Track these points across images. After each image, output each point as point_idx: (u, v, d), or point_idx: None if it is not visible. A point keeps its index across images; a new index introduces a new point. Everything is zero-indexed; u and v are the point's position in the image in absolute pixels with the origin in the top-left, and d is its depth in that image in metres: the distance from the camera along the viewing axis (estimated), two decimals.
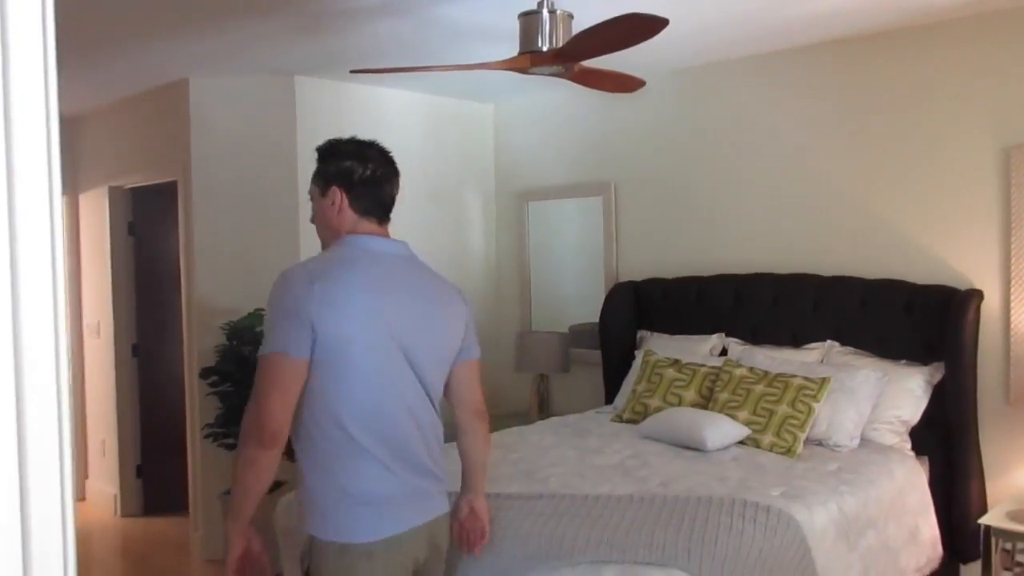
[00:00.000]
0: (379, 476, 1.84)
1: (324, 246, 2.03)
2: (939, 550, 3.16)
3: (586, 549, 2.19)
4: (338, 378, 1.81)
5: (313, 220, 2.05)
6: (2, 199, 0.63)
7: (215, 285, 4.29)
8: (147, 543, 4.63)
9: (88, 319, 5.43)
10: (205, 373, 4.03)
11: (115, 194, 5.20)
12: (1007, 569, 3.14)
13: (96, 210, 5.31)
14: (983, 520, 3.03)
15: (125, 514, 5.15)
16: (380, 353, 1.85)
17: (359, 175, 1.97)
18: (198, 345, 4.27)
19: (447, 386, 2.04)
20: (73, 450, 0.66)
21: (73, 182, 5.52)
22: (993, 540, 3.00)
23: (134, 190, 5.17)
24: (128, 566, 4.27)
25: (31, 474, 0.64)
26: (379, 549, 1.82)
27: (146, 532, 4.84)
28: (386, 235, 2.02)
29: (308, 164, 4.30)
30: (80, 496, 5.51)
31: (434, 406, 1.99)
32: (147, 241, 5.26)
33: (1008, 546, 3.11)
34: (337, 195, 1.96)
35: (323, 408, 1.83)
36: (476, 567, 2.25)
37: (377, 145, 2.06)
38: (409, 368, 1.90)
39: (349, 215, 1.97)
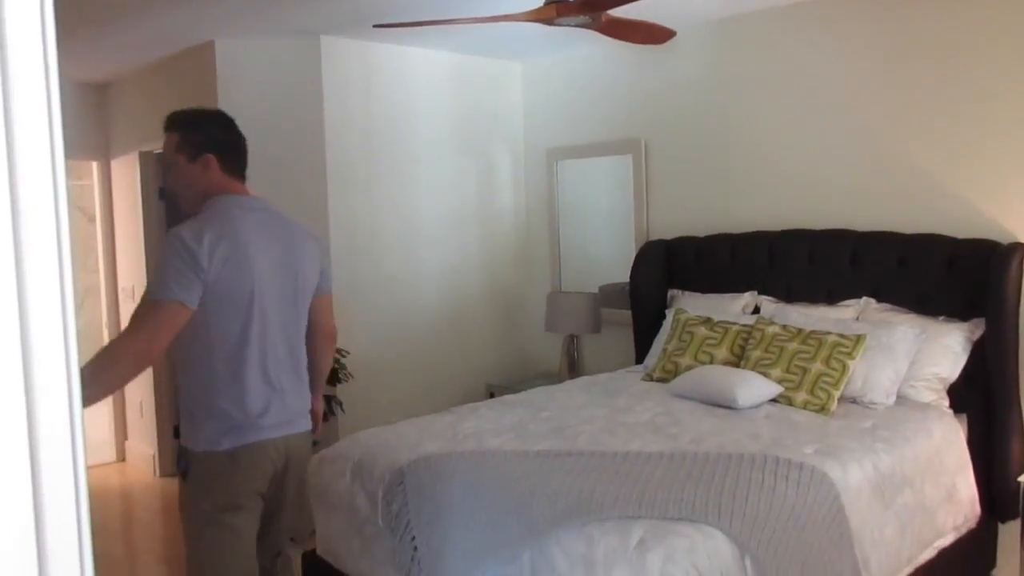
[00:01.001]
0: (244, 397, 2.21)
1: (188, 207, 2.32)
2: (977, 509, 3.10)
3: (615, 505, 2.18)
4: (217, 313, 2.17)
5: (171, 186, 2.35)
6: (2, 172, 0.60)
7: None
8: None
9: (123, 282, 5.50)
10: None
11: (146, 159, 5.22)
12: None
13: (128, 175, 5.35)
14: (1022, 478, 2.96)
15: (164, 474, 5.25)
16: (252, 292, 2.21)
17: (227, 141, 2.31)
18: None
19: (311, 315, 2.43)
20: (84, 435, 0.65)
21: (105, 148, 5.56)
22: None
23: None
24: (168, 525, 4.35)
25: (42, 460, 0.62)
26: (240, 455, 2.22)
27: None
28: (248, 192, 2.37)
29: (336, 125, 4.34)
30: (120, 457, 5.64)
31: (298, 335, 2.36)
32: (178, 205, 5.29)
33: None
34: (211, 160, 2.26)
35: (202, 339, 2.20)
36: (507, 523, 2.25)
37: (227, 115, 2.41)
38: (276, 303, 2.27)
39: (220, 177, 2.29)
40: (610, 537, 2.06)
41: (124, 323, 5.52)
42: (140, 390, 5.39)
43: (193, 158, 2.27)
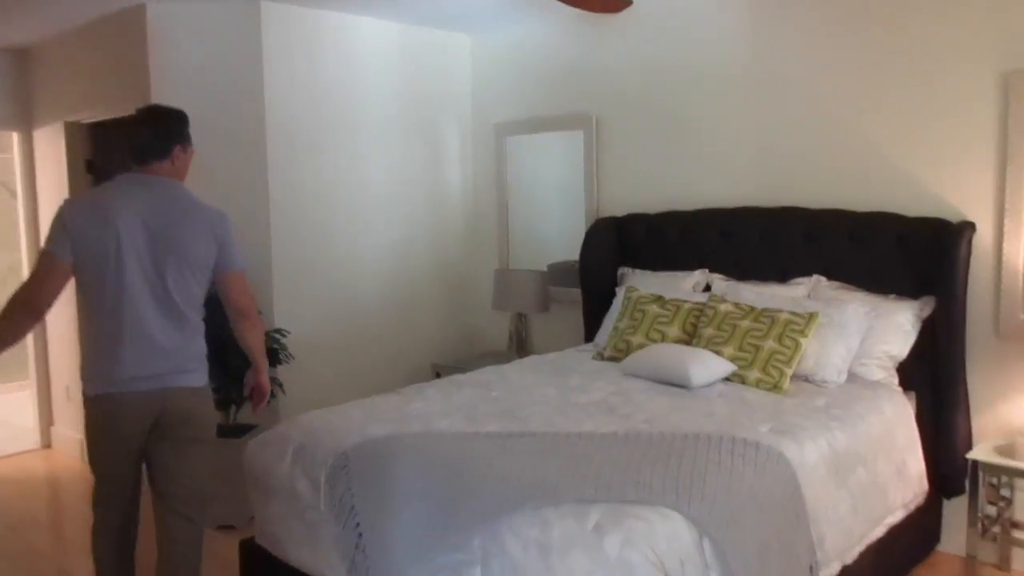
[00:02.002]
0: (110, 350, 2.50)
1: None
2: (925, 485, 3.12)
3: (571, 488, 2.09)
4: (85, 272, 2.48)
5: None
6: None
7: None
8: None
9: None
10: None
11: (72, 129, 4.94)
12: (992, 503, 3.10)
13: (53, 147, 5.05)
14: (971, 455, 2.98)
15: None
16: (118, 255, 2.47)
17: (135, 135, 2.65)
18: None
19: (220, 292, 2.68)
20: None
21: (27, 117, 5.24)
22: (980, 475, 2.95)
23: (92, 125, 4.91)
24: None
25: None
26: (102, 402, 2.52)
27: None
28: (151, 172, 2.62)
29: (277, 96, 4.14)
30: (46, 444, 5.37)
31: (176, 303, 2.55)
32: (107, 179, 5.02)
33: (994, 480, 3.07)
34: (127, 154, 2.64)
35: (82, 297, 2.55)
36: (457, 507, 2.15)
37: (143, 110, 2.74)
38: (147, 270, 2.51)
39: (130, 163, 2.63)
40: (566, 521, 1.98)
41: None
42: (65, 373, 5.13)
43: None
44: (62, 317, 5.12)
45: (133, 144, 2.66)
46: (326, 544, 2.50)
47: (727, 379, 3.19)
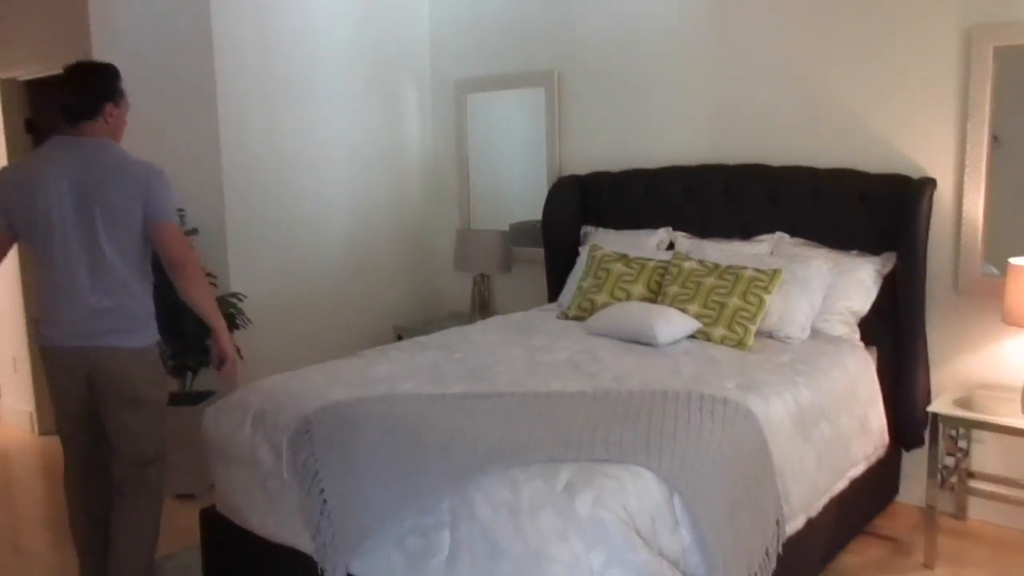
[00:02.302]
0: (47, 306, 2.61)
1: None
2: (886, 438, 3.16)
3: (540, 448, 2.06)
4: (23, 234, 2.57)
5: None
6: None
7: None
8: None
9: None
10: None
11: (8, 88, 4.72)
12: (950, 454, 3.16)
13: None
14: (931, 408, 3.02)
15: (43, 432, 4.87)
16: (48, 217, 2.50)
17: (66, 95, 2.59)
18: None
19: (155, 248, 2.62)
20: None
21: None
22: (940, 427, 2.99)
23: (31, 83, 4.69)
24: (49, 485, 4.03)
25: None
26: (44, 353, 2.65)
27: None
28: (81, 133, 2.59)
29: (227, 50, 3.97)
30: None
31: (106, 260, 2.54)
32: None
33: (953, 432, 3.12)
34: (60, 116, 2.59)
35: (32, 260, 2.66)
36: (424, 470, 2.10)
37: (70, 67, 2.65)
38: (76, 228, 2.51)
39: (62, 126, 2.60)
40: (535, 481, 1.95)
41: None
42: (12, 345, 4.95)
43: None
44: (3, 288, 4.93)
45: (63, 105, 2.60)
46: (289, 511, 2.45)
47: (692, 336, 3.18)
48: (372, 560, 2.23)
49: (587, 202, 4.21)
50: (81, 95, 2.58)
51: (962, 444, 3.21)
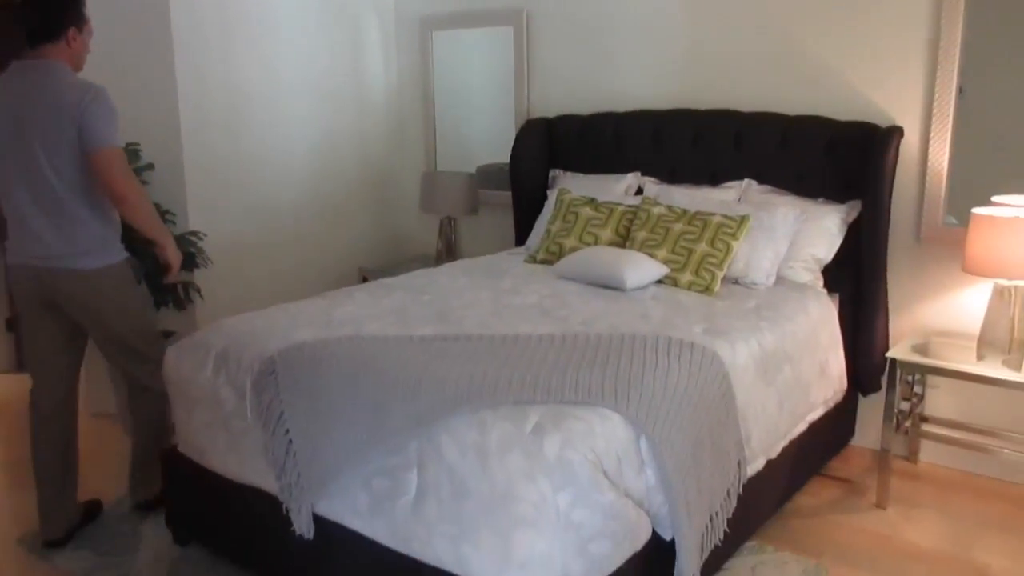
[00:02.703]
0: (11, 232, 2.66)
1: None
2: (844, 383, 3.22)
3: (508, 390, 2.06)
4: None
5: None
6: None
7: None
8: (24, 400, 4.28)
9: None
10: None
11: None
12: (905, 399, 3.24)
13: None
14: (890, 354, 3.08)
15: (0, 371, 4.77)
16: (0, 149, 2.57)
17: (24, 18, 2.55)
18: None
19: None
20: None
21: None
22: (898, 372, 3.06)
23: None
24: (5, 424, 3.95)
25: None
26: (16, 273, 2.71)
27: (22, 388, 4.46)
28: (32, 57, 2.57)
29: None
30: None
31: (55, 189, 2.55)
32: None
33: (909, 378, 3.19)
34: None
35: None
36: (391, 412, 2.09)
37: None
38: (14, 154, 2.54)
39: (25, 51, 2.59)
40: (504, 423, 1.95)
41: None
42: None
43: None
44: None
45: (24, 27, 2.55)
46: (253, 452, 2.43)
47: (660, 282, 3.19)
48: (338, 501, 2.23)
49: (555, 145, 4.16)
50: (43, 16, 2.53)
51: (917, 390, 3.29)
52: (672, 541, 2.14)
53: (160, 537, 2.86)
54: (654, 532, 2.13)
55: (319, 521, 2.28)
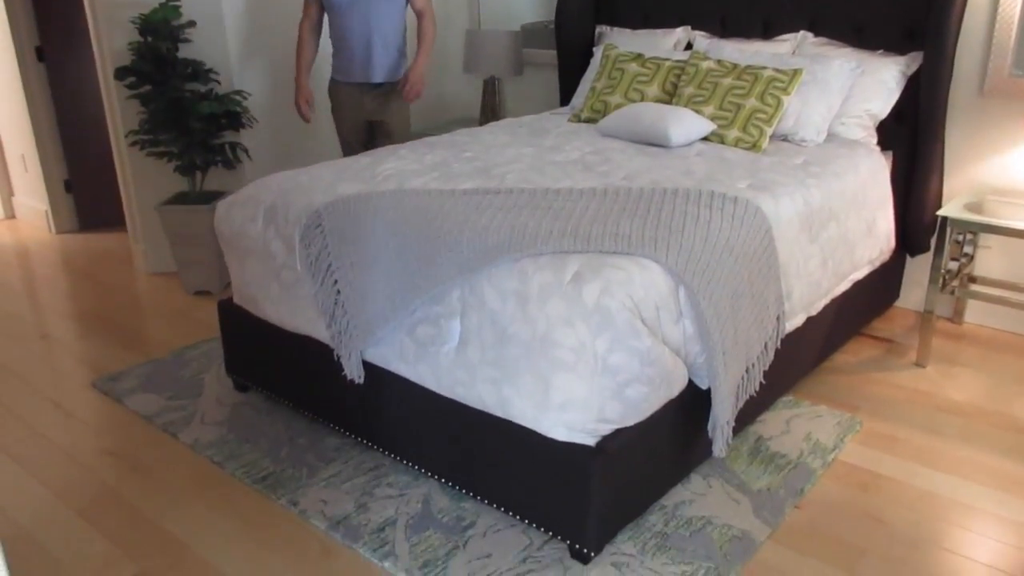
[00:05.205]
0: None
1: None
2: (892, 243, 3.18)
3: (549, 240, 2.08)
4: None
5: None
6: None
7: None
8: (88, 258, 4.48)
9: None
10: (120, 73, 3.63)
11: (16, 12, 4.44)
12: (954, 259, 3.20)
13: None
14: (942, 212, 3.01)
15: (60, 231, 4.95)
16: None
17: None
18: (108, 43, 3.81)
19: None
20: None
21: None
22: (948, 230, 3.00)
23: (38, 10, 4.39)
24: (73, 281, 4.14)
25: None
26: None
27: (86, 247, 4.68)
28: None
29: None
30: (9, 214, 5.26)
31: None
32: None
33: (959, 237, 3.13)
34: None
35: None
36: (434, 261, 2.14)
37: None
38: None
39: None
40: (544, 272, 1.98)
41: None
42: (20, 142, 4.92)
43: None
44: (6, 85, 4.83)
45: None
46: (304, 302, 2.52)
47: (706, 138, 3.13)
48: (385, 347, 2.32)
49: (602, 0, 4.01)
50: None
51: (968, 250, 3.24)
52: (708, 390, 2.20)
53: (221, 384, 3.03)
54: (690, 381, 2.19)
55: (368, 367, 2.39)
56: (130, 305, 3.80)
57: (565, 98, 4.12)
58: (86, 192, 4.96)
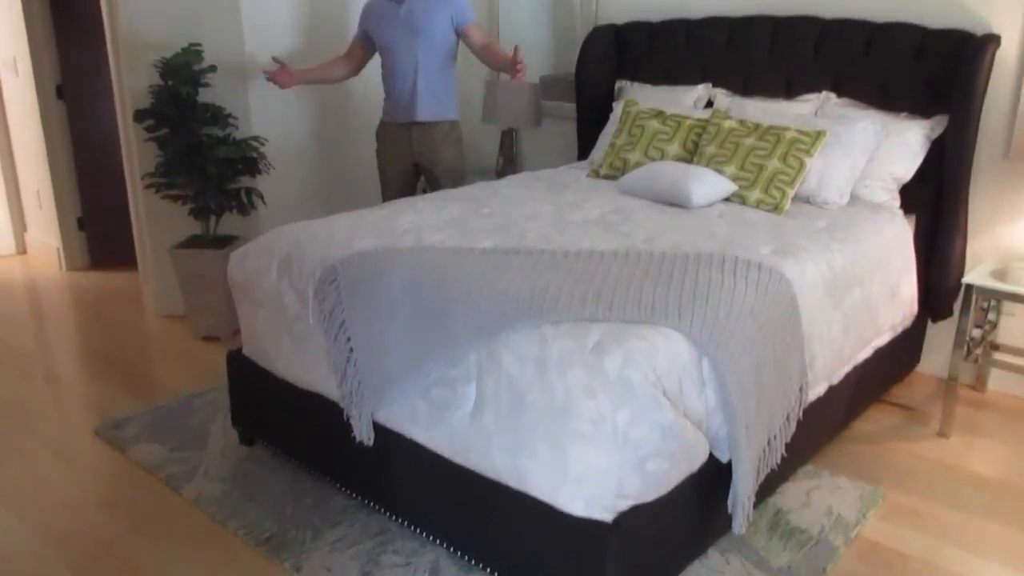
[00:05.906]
0: None
1: None
2: (915, 308, 3.12)
3: (570, 306, 2.03)
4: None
5: None
6: None
7: (145, 15, 3.75)
8: (98, 297, 4.45)
9: (1, 52, 4.85)
10: (140, 116, 3.63)
11: (40, 53, 4.51)
12: (978, 326, 3.13)
13: None
14: (966, 279, 2.95)
15: (71, 268, 4.93)
16: None
17: None
18: (129, 85, 3.82)
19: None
20: None
21: None
22: (973, 297, 2.93)
23: (61, 49, 4.46)
24: (82, 320, 4.11)
25: None
26: None
27: (96, 285, 4.65)
28: None
29: None
30: (21, 250, 5.25)
31: None
32: None
33: (984, 304, 3.07)
34: None
35: None
36: (451, 323, 2.09)
37: None
38: None
39: None
40: (565, 339, 1.93)
41: (6, 100, 4.94)
42: (36, 178, 4.92)
43: None
44: (25, 122, 4.85)
45: None
46: (315, 357, 2.47)
47: (727, 199, 3.09)
48: (397, 410, 2.26)
49: (623, 54, 4.00)
50: None
51: (991, 317, 3.17)
52: (729, 463, 2.12)
53: (226, 435, 2.96)
54: (711, 454, 2.12)
55: (379, 429, 2.32)
56: (138, 347, 3.75)
57: (583, 151, 4.10)
58: (99, 230, 4.95)
